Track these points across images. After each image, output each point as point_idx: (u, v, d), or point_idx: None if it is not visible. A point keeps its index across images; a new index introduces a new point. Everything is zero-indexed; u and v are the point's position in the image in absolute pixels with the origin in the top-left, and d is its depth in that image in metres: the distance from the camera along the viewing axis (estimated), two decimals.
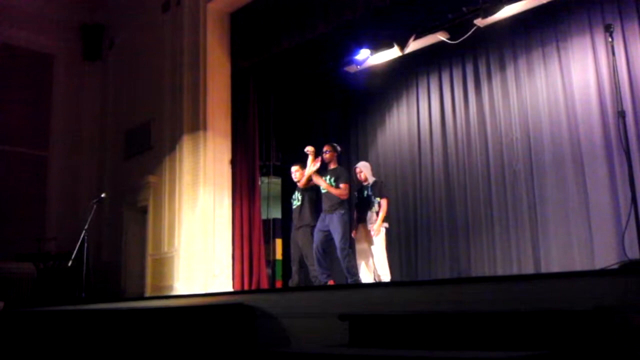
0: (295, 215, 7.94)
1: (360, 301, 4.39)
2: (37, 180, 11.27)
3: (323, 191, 7.62)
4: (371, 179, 7.95)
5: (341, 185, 7.47)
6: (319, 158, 7.70)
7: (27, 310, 6.94)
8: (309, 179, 7.74)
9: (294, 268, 7.94)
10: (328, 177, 7.58)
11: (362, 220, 7.84)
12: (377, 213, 7.70)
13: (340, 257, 7.43)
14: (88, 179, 11.57)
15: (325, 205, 7.55)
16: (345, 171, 7.88)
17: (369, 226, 7.70)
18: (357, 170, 8.04)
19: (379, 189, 7.87)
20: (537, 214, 7.94)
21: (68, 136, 11.64)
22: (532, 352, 2.91)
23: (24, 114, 11.25)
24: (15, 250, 9.35)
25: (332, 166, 7.73)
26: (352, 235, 7.87)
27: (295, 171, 8.09)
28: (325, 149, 7.78)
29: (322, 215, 7.60)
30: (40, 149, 11.43)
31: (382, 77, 9.96)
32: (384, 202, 7.75)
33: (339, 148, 7.90)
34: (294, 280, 7.92)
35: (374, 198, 7.79)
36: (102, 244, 11.01)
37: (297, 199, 7.93)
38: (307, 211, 7.79)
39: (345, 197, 7.52)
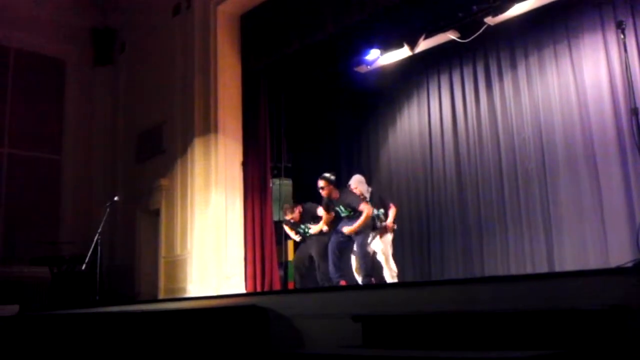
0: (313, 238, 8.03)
1: (373, 302, 4.38)
2: (50, 184, 11.34)
3: (343, 214, 7.58)
4: (367, 193, 7.87)
5: (360, 208, 7.38)
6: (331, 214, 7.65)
7: (41, 314, 6.98)
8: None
9: (297, 277, 7.97)
10: (341, 208, 7.50)
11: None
12: (384, 218, 7.81)
13: (360, 256, 7.43)
14: (101, 183, 11.62)
15: (346, 215, 7.56)
16: (350, 194, 7.72)
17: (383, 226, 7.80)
18: (352, 187, 7.82)
19: (379, 199, 7.91)
20: (551, 212, 7.90)
21: (80, 140, 11.70)
22: (547, 352, 2.90)
23: (37, 118, 11.32)
24: (29, 254, 9.41)
25: (335, 196, 7.56)
26: None
27: (290, 213, 8.25)
28: (320, 184, 7.53)
29: (343, 220, 7.58)
30: (53, 153, 11.51)
31: (392, 77, 9.94)
32: (392, 211, 7.88)
33: (332, 177, 7.62)
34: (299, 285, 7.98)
35: (378, 211, 7.86)
36: (116, 247, 11.05)
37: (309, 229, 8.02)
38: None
39: (371, 213, 7.46)
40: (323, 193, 7.55)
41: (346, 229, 7.36)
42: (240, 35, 9.86)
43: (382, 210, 7.84)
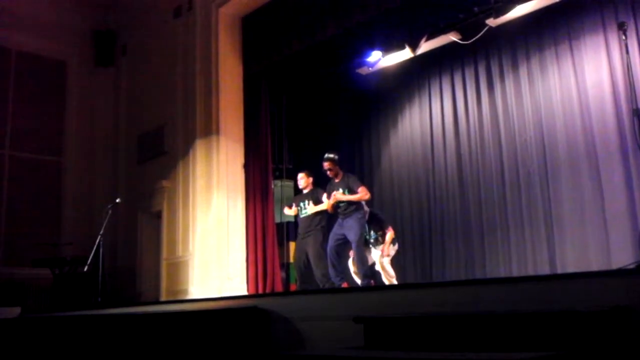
0: (305, 223, 7.88)
1: (375, 303, 4.38)
2: (52, 186, 11.34)
3: (340, 205, 7.49)
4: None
5: (358, 190, 7.40)
6: (333, 195, 7.44)
7: (43, 316, 6.98)
8: (334, 205, 7.51)
9: (298, 277, 7.94)
10: (341, 190, 7.44)
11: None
12: (382, 240, 7.97)
13: (357, 258, 7.43)
14: (102, 184, 11.61)
15: (341, 210, 7.48)
16: (352, 176, 7.80)
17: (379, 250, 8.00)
18: None
19: (377, 220, 8.05)
20: (552, 214, 7.89)
21: (82, 142, 11.70)
22: (549, 353, 2.89)
23: (38, 120, 11.31)
24: (31, 256, 9.40)
25: (338, 179, 7.57)
26: None
27: (300, 178, 8.05)
28: (326, 166, 7.56)
29: (338, 220, 7.55)
30: (54, 154, 11.51)
31: (394, 79, 9.95)
32: (389, 234, 8.00)
33: (336, 157, 7.66)
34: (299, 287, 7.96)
35: (377, 233, 8.00)
36: (117, 248, 11.05)
37: (306, 209, 7.88)
38: (318, 216, 7.74)
39: (368, 197, 7.46)
40: (331, 174, 7.57)
41: (338, 195, 7.36)
42: (241, 37, 9.86)
43: (379, 233, 8.01)
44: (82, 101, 11.84)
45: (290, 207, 8.14)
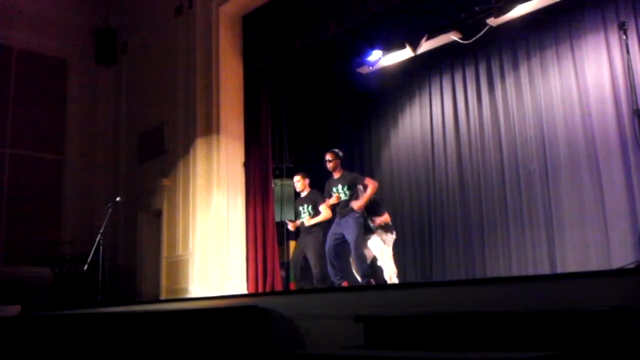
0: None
1: (375, 302, 4.39)
2: (52, 185, 11.34)
3: (342, 198, 7.45)
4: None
5: (365, 182, 7.39)
6: (336, 196, 7.44)
7: (43, 314, 6.99)
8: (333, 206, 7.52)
9: (297, 275, 7.92)
10: (340, 187, 7.42)
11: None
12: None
13: (355, 257, 7.41)
14: (103, 183, 11.62)
15: (339, 209, 7.49)
16: (353, 173, 7.79)
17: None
18: None
19: (375, 205, 7.98)
20: (553, 213, 7.89)
21: (83, 140, 11.70)
22: (548, 353, 2.89)
23: (39, 118, 11.31)
24: (31, 254, 9.41)
25: (337, 174, 7.55)
26: None
27: (297, 181, 8.05)
28: (328, 157, 7.55)
29: (336, 219, 7.53)
30: (55, 153, 11.51)
31: (394, 78, 9.94)
32: (384, 217, 7.87)
33: (341, 154, 7.66)
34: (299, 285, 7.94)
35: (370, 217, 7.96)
36: (118, 247, 11.06)
37: (308, 212, 7.83)
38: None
39: (376, 185, 7.45)
40: (329, 166, 7.54)
41: (355, 204, 7.26)
42: (242, 36, 9.84)
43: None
44: (82, 99, 11.84)
45: (292, 221, 8.13)
